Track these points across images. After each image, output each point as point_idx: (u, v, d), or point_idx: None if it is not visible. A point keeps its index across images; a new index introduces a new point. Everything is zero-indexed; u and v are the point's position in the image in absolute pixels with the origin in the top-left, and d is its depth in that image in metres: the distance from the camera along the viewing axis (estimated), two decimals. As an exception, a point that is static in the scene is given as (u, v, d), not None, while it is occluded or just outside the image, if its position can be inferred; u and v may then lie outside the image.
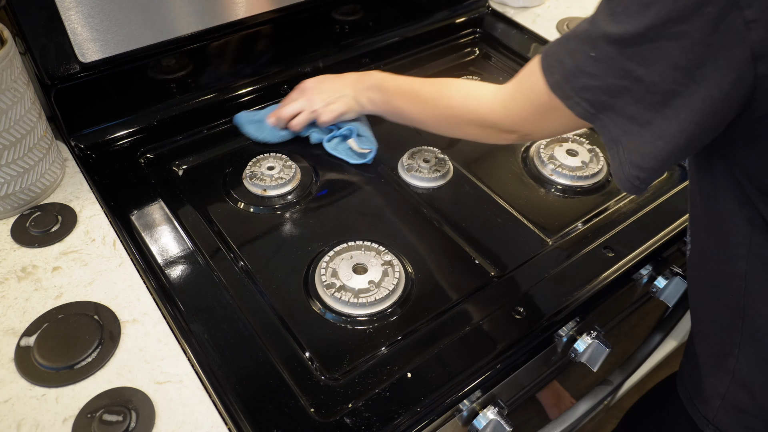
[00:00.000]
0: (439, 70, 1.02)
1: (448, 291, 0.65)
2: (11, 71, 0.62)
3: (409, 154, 0.80)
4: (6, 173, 0.65)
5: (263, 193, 0.75)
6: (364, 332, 0.60)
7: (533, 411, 0.90)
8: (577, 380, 0.90)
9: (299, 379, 0.55)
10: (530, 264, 0.67)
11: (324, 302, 0.62)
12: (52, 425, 0.50)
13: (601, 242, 0.69)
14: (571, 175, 0.79)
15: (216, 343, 0.57)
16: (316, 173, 0.79)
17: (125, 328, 0.58)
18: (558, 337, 0.63)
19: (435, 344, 0.58)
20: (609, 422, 1.36)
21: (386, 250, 0.66)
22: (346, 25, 0.97)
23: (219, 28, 0.83)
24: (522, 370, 0.62)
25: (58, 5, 0.68)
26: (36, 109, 0.68)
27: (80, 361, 0.54)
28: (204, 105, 0.86)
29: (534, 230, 0.72)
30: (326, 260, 0.65)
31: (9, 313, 0.59)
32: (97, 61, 0.75)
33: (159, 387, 0.53)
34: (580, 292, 0.63)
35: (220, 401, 0.52)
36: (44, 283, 0.62)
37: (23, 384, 0.53)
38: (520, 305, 0.61)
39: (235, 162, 0.79)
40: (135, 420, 0.50)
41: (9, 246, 0.65)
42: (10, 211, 0.68)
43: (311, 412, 0.52)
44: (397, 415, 0.52)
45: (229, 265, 0.65)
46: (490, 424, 0.58)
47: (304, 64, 0.93)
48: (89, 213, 0.70)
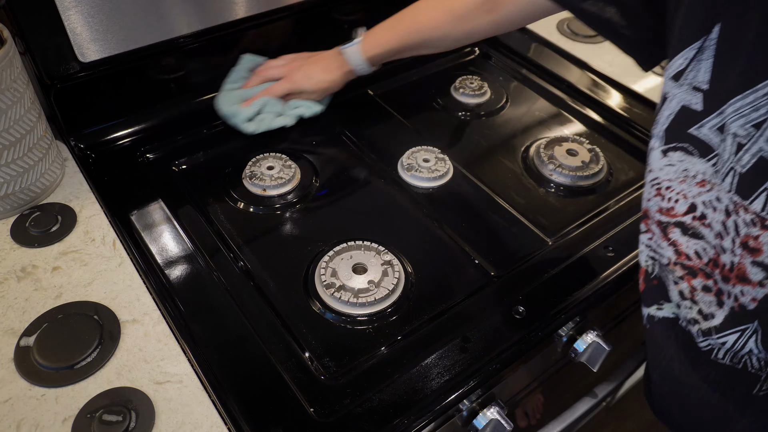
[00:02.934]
0: (439, 69, 1.02)
1: (448, 291, 0.65)
2: (11, 71, 0.62)
3: (409, 154, 0.80)
4: (6, 173, 0.65)
5: (263, 193, 0.75)
6: (364, 332, 0.60)
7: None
8: (577, 380, 0.89)
9: (299, 379, 0.55)
10: (530, 264, 0.67)
11: (324, 302, 0.62)
12: (51, 425, 0.50)
13: (602, 242, 0.69)
14: (571, 175, 0.79)
15: (216, 343, 0.56)
16: (316, 173, 0.79)
17: (125, 328, 0.58)
18: (558, 337, 0.63)
19: (435, 344, 0.58)
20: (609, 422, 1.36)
21: (386, 250, 0.66)
22: (345, 25, 0.97)
23: (219, 28, 0.83)
24: (522, 370, 0.62)
25: (58, 5, 0.68)
26: (36, 109, 0.68)
27: (80, 361, 0.54)
28: (204, 105, 0.86)
29: (534, 230, 0.72)
30: (326, 260, 0.65)
31: (9, 313, 0.59)
32: (96, 60, 0.75)
33: (159, 387, 0.53)
34: (580, 292, 0.63)
35: (220, 401, 0.52)
36: (44, 283, 0.61)
37: (23, 384, 0.53)
38: (520, 305, 0.61)
39: (235, 162, 0.79)
40: (135, 420, 0.50)
41: (9, 246, 0.65)
42: (10, 211, 0.68)
43: (311, 412, 0.52)
44: (396, 415, 0.52)
45: (228, 265, 0.65)
46: (490, 423, 0.58)
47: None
48: (89, 213, 0.70)
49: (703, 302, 0.48)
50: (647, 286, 0.55)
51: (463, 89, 0.95)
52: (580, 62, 1.01)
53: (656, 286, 0.53)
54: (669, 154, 0.47)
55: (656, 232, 0.51)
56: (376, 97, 0.94)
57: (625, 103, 0.93)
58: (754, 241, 0.43)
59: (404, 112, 0.91)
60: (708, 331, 0.49)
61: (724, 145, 0.43)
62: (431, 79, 1.00)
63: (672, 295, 0.51)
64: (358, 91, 0.92)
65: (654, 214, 0.50)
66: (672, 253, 0.50)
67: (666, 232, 0.50)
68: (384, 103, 0.93)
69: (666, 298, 0.53)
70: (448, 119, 0.92)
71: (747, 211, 0.43)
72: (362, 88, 0.94)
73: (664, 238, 0.50)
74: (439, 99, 0.95)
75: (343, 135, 0.86)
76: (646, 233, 0.53)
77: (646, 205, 0.52)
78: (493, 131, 0.90)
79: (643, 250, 0.54)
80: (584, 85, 0.96)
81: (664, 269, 0.51)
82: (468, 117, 0.93)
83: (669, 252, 0.50)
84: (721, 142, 0.43)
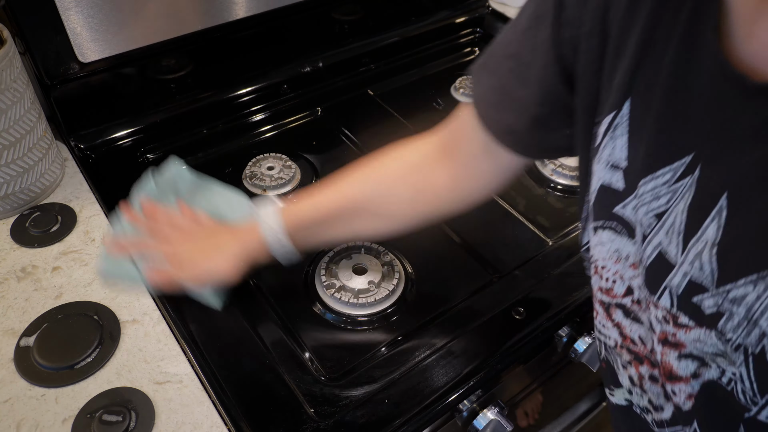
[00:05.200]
0: (439, 69, 1.02)
1: (448, 291, 0.65)
2: (11, 71, 0.62)
3: (409, 154, 0.80)
4: (6, 173, 0.65)
5: (263, 193, 0.75)
6: (364, 332, 0.60)
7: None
8: (577, 380, 0.89)
9: (299, 379, 0.55)
10: (530, 264, 0.67)
11: (324, 302, 0.62)
12: (51, 425, 0.50)
13: (601, 242, 0.69)
14: (571, 175, 0.79)
15: (216, 343, 0.56)
16: (316, 173, 0.79)
17: (125, 328, 0.58)
18: (558, 337, 0.63)
19: (435, 344, 0.58)
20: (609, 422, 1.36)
21: (386, 251, 0.66)
22: (345, 25, 0.97)
23: (219, 28, 0.83)
24: (522, 370, 0.61)
25: (58, 5, 0.68)
26: (36, 109, 0.68)
27: (80, 361, 0.54)
28: (204, 105, 0.86)
29: (534, 230, 0.72)
30: (326, 261, 0.65)
31: (9, 313, 0.58)
32: (96, 61, 0.75)
33: (159, 387, 0.53)
34: (580, 292, 0.63)
35: (220, 401, 0.52)
36: (44, 283, 0.61)
37: (23, 384, 0.53)
38: (520, 305, 0.61)
39: (235, 162, 0.79)
40: (134, 420, 0.50)
41: (9, 246, 0.65)
42: (10, 211, 0.68)
43: (311, 412, 0.52)
44: (397, 415, 0.52)
45: (228, 265, 0.65)
46: (490, 424, 0.58)
47: (304, 64, 0.93)
48: (89, 213, 0.70)
49: (652, 393, 0.43)
50: (599, 366, 0.50)
51: (463, 89, 0.95)
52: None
53: (605, 369, 0.48)
54: (598, 232, 0.43)
55: (600, 312, 0.46)
56: (376, 97, 0.94)
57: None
58: (674, 338, 0.38)
59: (404, 112, 0.91)
60: (661, 423, 0.44)
61: (639, 231, 0.39)
62: (431, 79, 1.00)
63: (622, 380, 0.46)
64: (358, 91, 0.92)
65: (596, 293, 0.46)
66: (617, 335, 0.45)
67: (609, 312, 0.45)
68: (384, 103, 0.93)
69: (616, 383, 0.47)
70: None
71: (657, 308, 0.38)
72: (362, 88, 0.94)
73: (608, 318, 0.45)
74: (439, 99, 0.95)
75: (343, 135, 0.86)
76: (593, 311, 0.48)
77: (591, 282, 0.47)
78: (493, 131, 0.90)
79: (595, 329, 0.49)
80: (584, 85, 0.96)
81: (611, 352, 0.46)
82: (468, 117, 0.92)
83: (614, 333, 0.45)
84: (639, 227, 0.39)
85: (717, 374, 0.36)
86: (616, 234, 0.41)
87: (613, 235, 0.42)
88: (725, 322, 0.34)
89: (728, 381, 0.35)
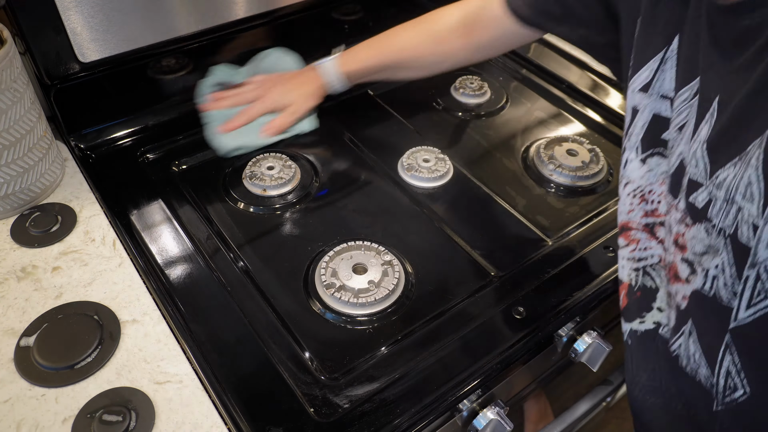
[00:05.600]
0: (439, 70, 1.02)
1: (448, 291, 0.65)
2: (11, 71, 0.62)
3: (409, 154, 0.80)
4: (6, 173, 0.65)
5: (263, 193, 0.75)
6: (364, 332, 0.60)
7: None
8: (577, 380, 0.89)
9: (299, 379, 0.55)
10: (530, 264, 0.67)
11: (324, 302, 0.62)
12: (51, 425, 0.50)
13: (602, 242, 0.69)
14: (571, 175, 0.79)
15: (216, 343, 0.56)
16: (316, 173, 0.79)
17: (125, 328, 0.58)
18: (558, 337, 0.63)
19: (435, 344, 0.58)
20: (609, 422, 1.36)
21: (386, 250, 0.66)
22: (345, 24, 0.97)
23: (219, 28, 0.83)
24: (522, 370, 0.61)
25: (58, 5, 0.68)
26: (36, 109, 0.68)
27: (80, 361, 0.54)
28: (204, 105, 0.86)
29: (534, 230, 0.72)
30: (326, 260, 0.65)
31: (9, 313, 0.58)
32: (96, 61, 0.75)
33: (159, 387, 0.53)
34: (580, 292, 0.63)
35: (220, 401, 0.52)
36: (44, 283, 0.61)
37: (23, 384, 0.53)
38: (520, 305, 0.61)
39: (235, 162, 0.79)
40: (135, 420, 0.50)
41: (9, 246, 0.65)
42: (10, 211, 0.68)
43: (311, 412, 0.52)
44: (397, 415, 0.52)
45: (229, 265, 0.65)
46: (490, 424, 0.58)
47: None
48: (89, 213, 0.70)
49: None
50: (630, 300, 0.54)
51: (463, 89, 0.95)
52: (580, 62, 1.01)
53: (639, 298, 0.53)
54: (647, 161, 0.49)
55: (642, 238, 0.51)
56: (376, 97, 0.94)
57: (625, 103, 0.93)
58: (682, 239, 0.44)
59: (404, 112, 0.91)
60: (669, 334, 0.48)
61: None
62: (431, 79, 0.99)
63: (659, 297, 0.51)
64: (358, 91, 0.92)
65: (639, 220, 0.51)
66: (662, 250, 0.50)
67: (653, 232, 0.50)
68: (384, 103, 0.93)
69: (648, 308, 0.52)
70: (448, 119, 0.92)
71: (677, 210, 0.45)
72: (362, 88, 0.94)
73: (653, 237, 0.51)
74: (439, 99, 0.95)
75: (343, 135, 0.86)
76: (626, 247, 0.53)
77: (625, 219, 0.52)
78: (493, 131, 0.90)
79: (624, 266, 0.54)
80: (584, 85, 0.96)
81: (655, 270, 0.51)
82: (468, 117, 0.93)
83: (659, 250, 0.50)
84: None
85: (701, 282, 0.42)
86: (663, 158, 0.48)
87: (661, 159, 0.49)
88: (711, 209, 0.40)
89: (711, 286, 0.41)
